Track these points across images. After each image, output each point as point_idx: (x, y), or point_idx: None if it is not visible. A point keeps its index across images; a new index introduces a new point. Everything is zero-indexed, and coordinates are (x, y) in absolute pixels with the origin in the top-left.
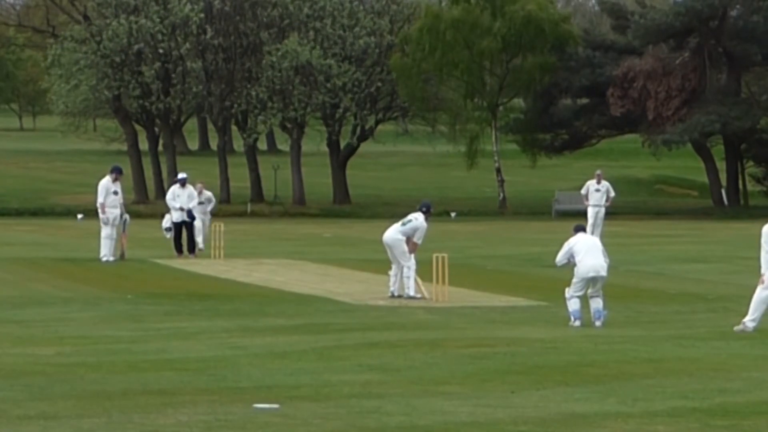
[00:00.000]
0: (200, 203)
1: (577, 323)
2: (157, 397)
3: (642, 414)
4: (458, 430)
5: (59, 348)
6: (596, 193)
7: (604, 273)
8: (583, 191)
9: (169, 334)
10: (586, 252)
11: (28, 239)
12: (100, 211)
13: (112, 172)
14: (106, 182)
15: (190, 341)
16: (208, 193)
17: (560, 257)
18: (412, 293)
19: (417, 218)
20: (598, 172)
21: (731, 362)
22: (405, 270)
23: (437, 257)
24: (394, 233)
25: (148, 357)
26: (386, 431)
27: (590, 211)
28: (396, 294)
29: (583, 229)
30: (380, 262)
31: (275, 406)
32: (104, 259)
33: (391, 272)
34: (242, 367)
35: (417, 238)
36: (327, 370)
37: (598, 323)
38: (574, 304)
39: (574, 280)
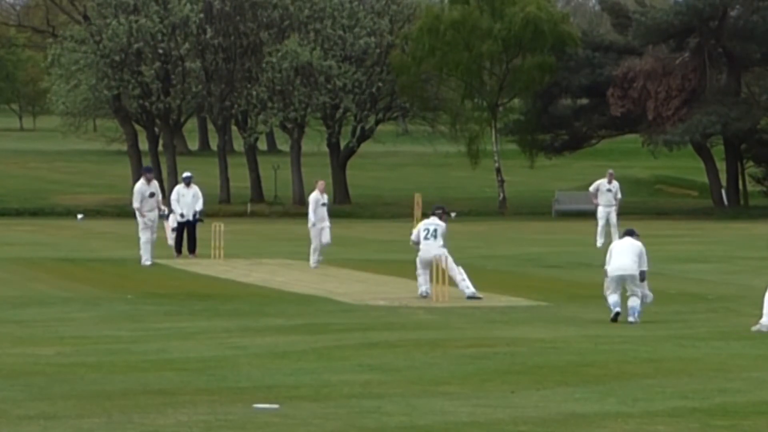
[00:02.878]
0: (323, 204)
1: (617, 309)
2: (157, 397)
3: (642, 414)
4: (458, 430)
5: (59, 348)
6: (607, 193)
7: (632, 272)
8: (591, 189)
9: (169, 334)
10: (618, 253)
11: (28, 239)
12: (138, 215)
13: (144, 173)
14: (140, 186)
15: (190, 341)
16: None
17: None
18: (472, 290)
19: (439, 224)
20: (610, 171)
21: (731, 362)
22: (458, 276)
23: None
24: (438, 248)
25: (148, 357)
26: (386, 431)
27: (600, 212)
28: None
29: (633, 233)
30: (380, 262)
31: (275, 406)
32: (145, 263)
33: (420, 273)
34: (242, 367)
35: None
36: (327, 370)
37: (631, 318)
38: (611, 298)
39: (606, 280)
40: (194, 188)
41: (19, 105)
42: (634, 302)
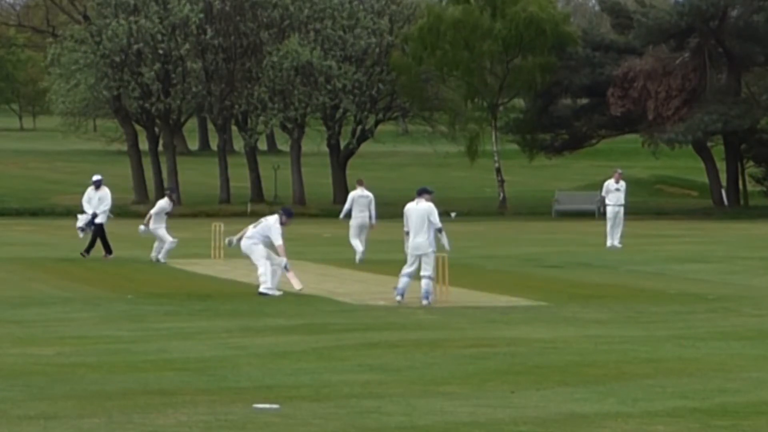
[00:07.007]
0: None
1: (399, 298)
2: (157, 397)
3: (642, 414)
4: (458, 430)
5: (59, 348)
6: (616, 192)
7: (425, 250)
8: (603, 192)
9: (169, 334)
10: (413, 230)
11: (28, 239)
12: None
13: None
14: (275, 223)
15: (190, 341)
16: (368, 194)
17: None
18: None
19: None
20: (619, 170)
21: (731, 362)
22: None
23: (437, 257)
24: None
25: (148, 357)
26: (386, 431)
27: (609, 211)
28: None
29: (426, 192)
30: (380, 262)
31: (275, 406)
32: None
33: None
34: (242, 367)
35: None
36: (327, 370)
37: (425, 302)
38: (402, 282)
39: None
40: (102, 191)
41: (19, 105)
42: (427, 285)
